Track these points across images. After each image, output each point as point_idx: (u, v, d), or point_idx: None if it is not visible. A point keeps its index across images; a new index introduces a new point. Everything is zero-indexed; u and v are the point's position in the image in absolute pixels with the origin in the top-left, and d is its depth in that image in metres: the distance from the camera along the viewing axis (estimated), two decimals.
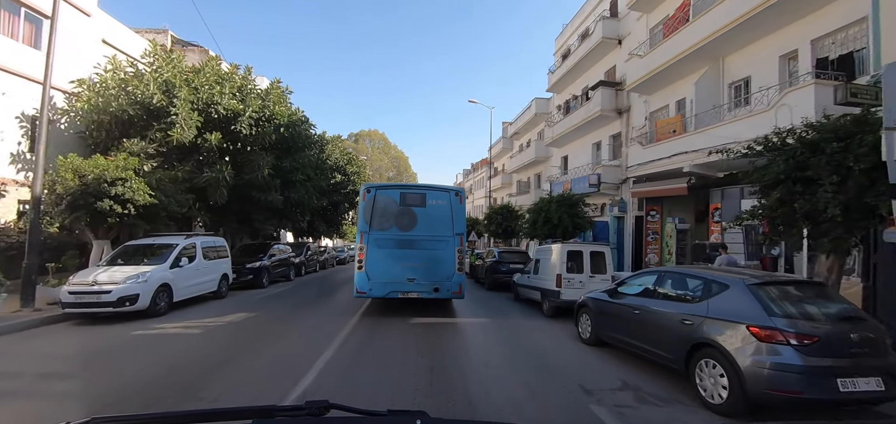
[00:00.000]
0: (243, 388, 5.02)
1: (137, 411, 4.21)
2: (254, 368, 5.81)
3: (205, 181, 13.19)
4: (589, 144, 21.98)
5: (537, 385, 5.39)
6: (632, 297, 6.32)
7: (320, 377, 5.43)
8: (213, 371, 5.60)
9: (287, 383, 5.16)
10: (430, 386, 5.14)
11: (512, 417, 4.35)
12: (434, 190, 10.16)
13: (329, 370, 5.73)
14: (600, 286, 9.82)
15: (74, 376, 5.48)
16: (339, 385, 5.19)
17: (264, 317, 9.63)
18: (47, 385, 5.13)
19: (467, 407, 4.52)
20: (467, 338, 7.94)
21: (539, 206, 16.76)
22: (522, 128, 33.47)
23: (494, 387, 5.21)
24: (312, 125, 17.42)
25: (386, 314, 10.08)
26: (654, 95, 16.33)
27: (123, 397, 4.64)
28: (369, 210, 9.65)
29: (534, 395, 5.02)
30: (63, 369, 5.74)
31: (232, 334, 7.97)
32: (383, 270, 9.48)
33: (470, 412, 4.43)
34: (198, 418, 1.31)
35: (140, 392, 4.78)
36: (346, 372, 5.69)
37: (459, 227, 9.84)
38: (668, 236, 15.29)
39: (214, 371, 5.60)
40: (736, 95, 12.72)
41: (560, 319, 9.98)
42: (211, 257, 12.03)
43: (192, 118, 12.98)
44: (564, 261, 9.96)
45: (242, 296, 13.05)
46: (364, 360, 6.29)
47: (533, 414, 4.50)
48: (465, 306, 11.59)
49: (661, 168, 14.08)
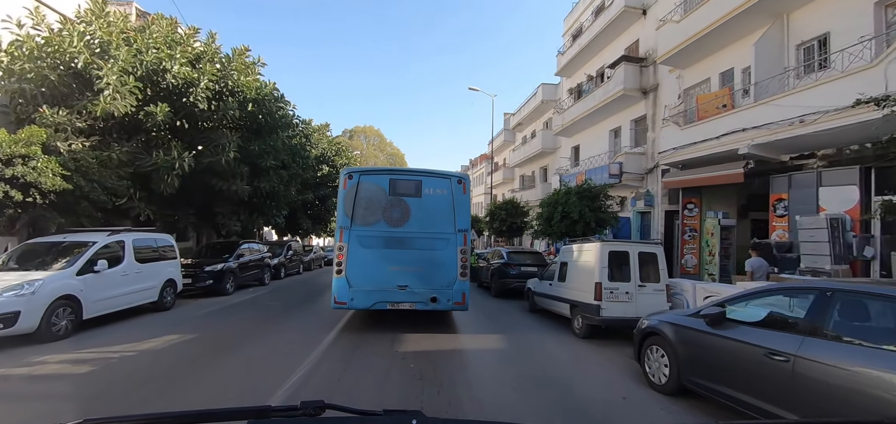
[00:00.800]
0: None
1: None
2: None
3: (150, 166, 10.63)
4: (605, 131, 19.53)
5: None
6: (762, 332, 3.84)
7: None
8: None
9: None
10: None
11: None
12: (432, 176, 8.17)
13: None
14: (654, 300, 7.41)
15: None
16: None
17: (204, 339, 7.11)
18: None
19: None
20: (477, 376, 5.47)
21: (554, 199, 14.31)
22: (526, 118, 31.00)
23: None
24: (288, 103, 14.85)
25: (369, 331, 7.61)
26: (690, 69, 13.90)
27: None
28: (351, 200, 7.74)
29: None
30: None
31: (143, 369, 5.46)
32: (368, 275, 7.59)
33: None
34: (193, 418, 1.20)
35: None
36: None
37: (463, 222, 7.92)
38: (709, 233, 12.84)
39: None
40: (807, 58, 10.29)
41: (598, 341, 7.53)
42: (148, 258, 9.49)
43: (128, 85, 10.40)
44: (605, 266, 7.50)
45: (195, 307, 10.53)
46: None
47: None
48: (469, 319, 9.14)
49: (706, 152, 11.66)
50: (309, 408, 1.17)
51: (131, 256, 8.89)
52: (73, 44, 10.07)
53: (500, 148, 38.85)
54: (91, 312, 7.70)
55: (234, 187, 12.31)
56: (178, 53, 11.16)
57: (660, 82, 15.68)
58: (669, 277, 8.08)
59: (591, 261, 7.79)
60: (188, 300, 11.44)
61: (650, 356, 5.19)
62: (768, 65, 10.56)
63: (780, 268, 9.65)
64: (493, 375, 5.61)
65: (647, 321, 5.39)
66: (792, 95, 9.20)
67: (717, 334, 4.20)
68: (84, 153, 9.56)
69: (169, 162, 10.48)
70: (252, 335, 7.44)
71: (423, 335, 7.61)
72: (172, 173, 10.64)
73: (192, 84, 11.16)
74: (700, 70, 13.53)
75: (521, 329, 8.54)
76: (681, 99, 13.98)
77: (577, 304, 7.98)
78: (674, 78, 14.68)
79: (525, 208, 23.57)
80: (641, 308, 7.46)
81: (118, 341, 6.97)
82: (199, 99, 11.40)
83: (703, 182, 11.94)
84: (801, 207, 9.70)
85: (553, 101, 25.96)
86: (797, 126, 8.99)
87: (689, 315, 4.73)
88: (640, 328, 5.52)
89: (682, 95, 14.18)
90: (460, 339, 7.52)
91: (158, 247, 10.00)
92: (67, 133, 9.96)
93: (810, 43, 10.14)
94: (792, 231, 9.93)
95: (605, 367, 6.12)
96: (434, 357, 6.22)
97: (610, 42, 19.10)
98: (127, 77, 10.61)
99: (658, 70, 15.69)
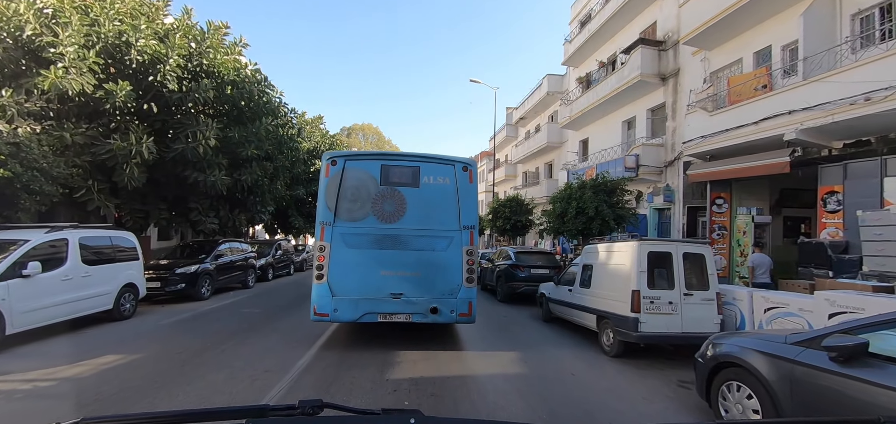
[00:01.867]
0: None
1: None
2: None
3: (106, 153, 9.24)
4: (618, 122, 18.19)
5: None
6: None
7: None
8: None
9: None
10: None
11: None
12: (432, 162, 6.82)
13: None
14: (703, 312, 6.10)
15: None
16: None
17: (153, 360, 5.75)
18: None
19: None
20: (496, 416, 4.12)
21: (567, 194, 12.95)
22: (530, 111, 29.61)
23: None
24: (273, 88, 13.44)
25: (354, 349, 6.26)
26: (718, 49, 12.55)
27: None
28: (335, 190, 6.44)
29: None
30: None
31: (52, 405, 4.11)
32: (355, 281, 6.28)
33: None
34: (190, 418, 1.20)
35: None
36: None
37: (469, 217, 6.61)
38: (741, 231, 11.51)
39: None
40: (864, 28, 8.95)
41: (634, 360, 6.18)
42: (100, 260, 8.13)
43: (88, 60, 9.03)
44: (644, 270, 6.15)
45: (161, 315, 9.17)
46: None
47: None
48: (476, 332, 7.82)
49: (740, 140, 10.33)
50: (307, 407, 1.17)
51: (77, 257, 7.52)
52: (20, 11, 8.68)
53: (502, 144, 37.47)
54: (19, 325, 6.35)
55: (210, 178, 10.91)
56: (143, 24, 9.76)
57: (681, 67, 14.33)
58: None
59: (624, 264, 6.44)
60: (156, 307, 10.09)
61: (728, 394, 3.85)
62: (818, 39, 9.23)
63: (836, 271, 8.34)
64: (517, 414, 4.25)
65: (721, 346, 4.05)
66: (852, 70, 7.86)
67: (855, 376, 2.85)
68: (25, 137, 8.18)
69: (125, 149, 9.07)
70: (213, 355, 6.07)
71: (421, 354, 6.26)
72: (131, 161, 9.24)
73: (160, 61, 9.76)
74: (730, 50, 12.18)
75: (539, 345, 7.18)
76: (708, 83, 12.62)
77: (607, 315, 6.63)
78: (698, 61, 13.34)
79: (530, 205, 22.24)
80: (688, 322, 6.14)
81: (44, 363, 5.61)
82: (168, 78, 10.01)
83: (739, 174, 10.59)
84: (860, 200, 8.36)
85: (559, 92, 24.60)
86: (861, 106, 7.65)
87: (794, 343, 3.38)
88: (708, 354, 4.17)
89: (708, 78, 12.83)
90: (467, 360, 6.18)
91: (115, 246, 8.64)
92: (12, 115, 8.58)
93: (869, 11, 8.80)
94: (848, 229, 8.60)
95: (656, 400, 4.78)
96: (436, 388, 4.88)
97: (623, 26, 17.75)
98: (86, 52, 9.24)
99: (679, 53, 14.35)
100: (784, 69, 10.39)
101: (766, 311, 6.07)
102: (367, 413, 1.20)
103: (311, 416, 1.16)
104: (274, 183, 14.59)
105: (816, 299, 5.30)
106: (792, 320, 5.67)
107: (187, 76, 10.65)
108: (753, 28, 11.23)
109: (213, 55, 10.82)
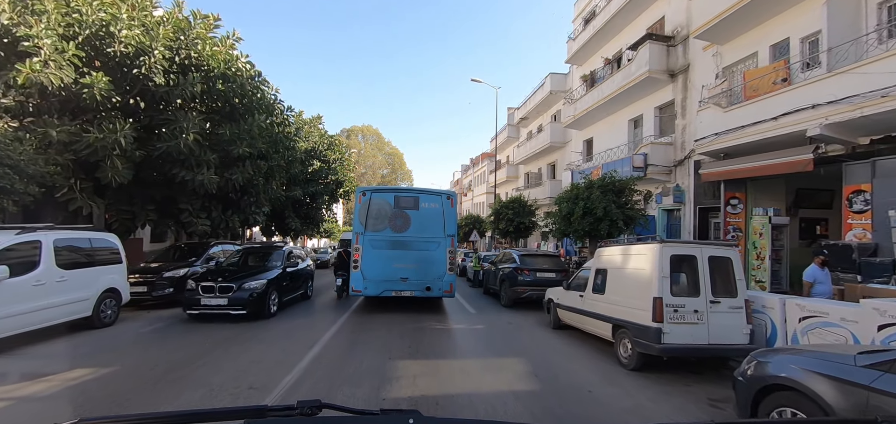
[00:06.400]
0: None
1: None
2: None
3: (85, 149, 8.69)
4: (624, 120, 17.66)
5: None
6: None
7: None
8: None
9: None
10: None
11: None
12: (427, 193, 10.35)
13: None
14: (731, 321, 5.59)
15: None
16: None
17: (127, 374, 5.21)
18: None
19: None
20: None
21: (574, 194, 12.41)
22: (533, 111, 29.10)
23: None
24: (267, 83, 12.88)
25: (351, 358, 5.66)
26: (731, 44, 12.03)
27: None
28: (365, 212, 9.68)
29: None
30: None
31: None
32: (378, 269, 9.48)
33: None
34: (188, 418, 1.20)
35: None
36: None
37: (451, 229, 9.95)
38: (757, 232, 10.95)
39: None
40: (892, 17, 8.43)
41: (655, 374, 5.63)
42: (78, 263, 7.59)
43: (67, 52, 8.52)
44: (667, 275, 5.60)
45: (145, 322, 8.65)
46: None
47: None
48: (481, 340, 7.30)
49: (758, 137, 9.80)
50: (305, 407, 1.16)
51: (51, 260, 6.98)
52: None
53: (503, 145, 36.96)
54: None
55: (198, 177, 10.35)
56: (124, 12, 9.23)
57: (691, 62, 13.81)
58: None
59: (644, 268, 5.90)
60: (142, 313, 9.56)
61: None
62: (842, 29, 8.71)
63: (864, 276, 7.80)
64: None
65: (768, 365, 3.49)
66: (884, 60, 7.33)
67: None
68: (1, 134, 7.65)
69: (102, 140, 8.50)
70: (192, 369, 5.52)
71: (422, 364, 5.74)
72: (112, 154, 8.69)
73: (144, 52, 9.23)
74: (744, 44, 11.66)
75: (550, 356, 6.62)
76: (720, 78, 12.10)
77: (625, 325, 6.08)
78: (709, 56, 12.82)
79: (533, 206, 21.71)
80: (715, 332, 5.59)
81: (6, 379, 5.07)
82: (154, 71, 9.48)
83: (757, 172, 10.05)
84: (891, 200, 7.83)
85: (562, 91, 24.09)
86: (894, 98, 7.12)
87: (867, 366, 2.83)
88: (750, 372, 3.62)
89: (721, 74, 12.31)
90: (472, 371, 5.64)
91: (95, 249, 8.10)
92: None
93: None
94: (877, 229, 8.07)
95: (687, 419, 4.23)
96: (440, 408, 4.32)
97: (630, 22, 17.23)
98: (66, 44, 8.72)
99: (689, 48, 13.84)
100: (804, 62, 9.87)
101: (802, 321, 5.51)
102: (365, 414, 1.20)
103: (309, 416, 1.15)
104: (269, 183, 14.02)
105: (863, 308, 4.74)
106: (832, 331, 5.12)
107: (175, 69, 10.10)
108: (770, 20, 10.71)
109: (201, 47, 10.27)
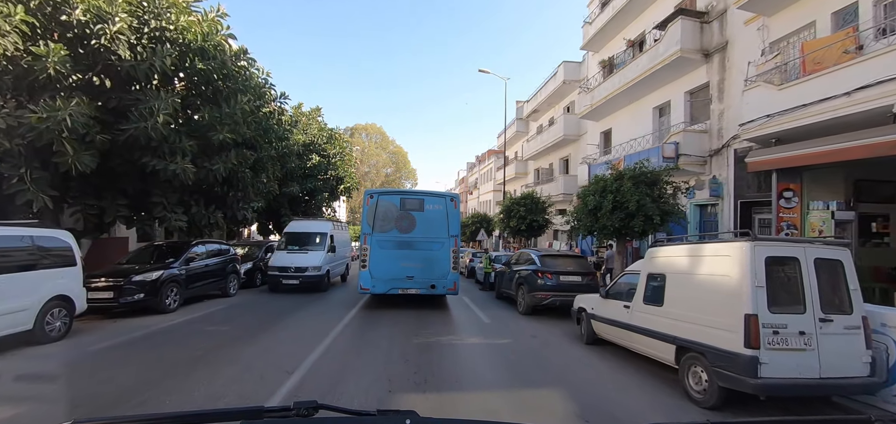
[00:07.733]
0: None
1: None
2: None
3: (30, 130, 7.35)
4: (648, 108, 16.16)
5: None
6: None
7: None
8: None
9: None
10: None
11: None
12: (431, 196, 10.60)
13: None
14: (847, 346, 4.15)
15: None
16: None
17: (43, 419, 3.86)
18: None
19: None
20: None
21: (601, 186, 10.95)
22: (543, 103, 27.61)
23: None
24: (253, 62, 11.37)
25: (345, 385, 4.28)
26: (780, 14, 10.53)
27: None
28: (372, 214, 9.90)
29: None
30: None
31: None
32: (385, 268, 9.70)
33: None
34: (187, 419, 1.20)
35: None
36: None
37: (454, 229, 10.14)
38: (816, 230, 9.47)
39: None
40: None
41: (741, 413, 4.19)
42: (13, 267, 6.25)
43: (13, 17, 7.20)
44: (762, 284, 4.16)
45: (103, 334, 7.31)
46: None
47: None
48: (504, 357, 5.86)
49: (828, 115, 8.30)
50: (302, 408, 1.16)
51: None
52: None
53: (512, 140, 35.45)
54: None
55: (172, 166, 8.99)
56: None
57: (730, 39, 12.31)
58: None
59: (728, 274, 4.45)
60: (106, 323, 8.25)
61: None
62: None
63: None
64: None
65: None
66: None
67: None
68: None
69: (47, 120, 7.14)
70: (144, 397, 4.14)
71: (431, 400, 4.34)
72: (60, 137, 7.34)
73: (103, 19, 7.88)
74: (797, 14, 10.16)
75: (593, 386, 5.21)
76: (769, 53, 10.59)
77: (696, 348, 4.64)
78: (754, 30, 11.31)
79: (546, 203, 20.28)
80: (827, 362, 4.14)
81: None
82: (117, 43, 8.14)
83: (824, 158, 8.53)
84: None
85: (577, 80, 22.59)
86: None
87: None
88: None
89: (768, 49, 10.81)
90: (498, 411, 4.22)
91: (39, 249, 6.76)
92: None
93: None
94: None
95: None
96: None
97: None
98: (12, 7, 7.41)
99: (727, 23, 12.35)
100: (878, 28, 8.38)
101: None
102: (362, 414, 1.19)
103: (306, 417, 1.14)
104: (258, 176, 12.62)
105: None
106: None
107: (144, 42, 8.75)
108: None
109: (174, 17, 8.90)
